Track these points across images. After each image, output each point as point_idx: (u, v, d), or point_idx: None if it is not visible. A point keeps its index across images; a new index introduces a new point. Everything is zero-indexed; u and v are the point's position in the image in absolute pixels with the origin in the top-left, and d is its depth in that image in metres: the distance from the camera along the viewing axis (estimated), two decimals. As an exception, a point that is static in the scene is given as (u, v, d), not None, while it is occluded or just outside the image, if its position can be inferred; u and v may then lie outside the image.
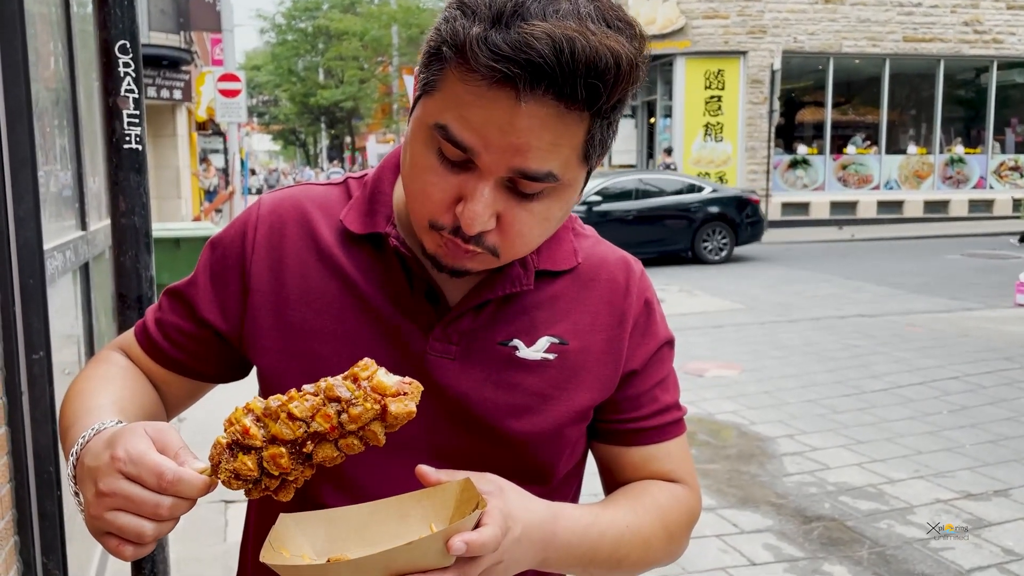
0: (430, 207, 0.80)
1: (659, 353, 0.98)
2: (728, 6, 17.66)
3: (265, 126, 48.88)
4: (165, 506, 0.71)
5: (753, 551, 3.50)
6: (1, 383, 2.10)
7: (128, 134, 1.66)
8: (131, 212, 1.71)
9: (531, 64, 0.70)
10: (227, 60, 18.40)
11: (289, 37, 38.70)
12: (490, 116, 0.74)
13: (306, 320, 0.91)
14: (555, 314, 0.93)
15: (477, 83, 0.73)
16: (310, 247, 0.93)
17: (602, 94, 0.73)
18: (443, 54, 0.76)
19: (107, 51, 1.64)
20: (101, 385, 0.94)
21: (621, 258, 0.99)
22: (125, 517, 0.71)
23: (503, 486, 0.79)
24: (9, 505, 2.13)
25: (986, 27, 18.60)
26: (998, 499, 3.99)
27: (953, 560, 3.39)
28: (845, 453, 4.64)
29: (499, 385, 0.90)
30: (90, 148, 3.30)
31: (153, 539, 0.73)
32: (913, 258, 13.18)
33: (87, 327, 3.15)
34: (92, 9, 3.51)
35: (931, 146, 19.25)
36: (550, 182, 0.78)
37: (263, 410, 0.71)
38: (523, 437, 0.90)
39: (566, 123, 0.75)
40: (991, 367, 6.39)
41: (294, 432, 0.70)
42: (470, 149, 0.76)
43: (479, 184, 0.77)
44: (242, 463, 0.70)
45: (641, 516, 0.91)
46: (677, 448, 0.99)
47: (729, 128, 17.93)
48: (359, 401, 0.69)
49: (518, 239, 0.82)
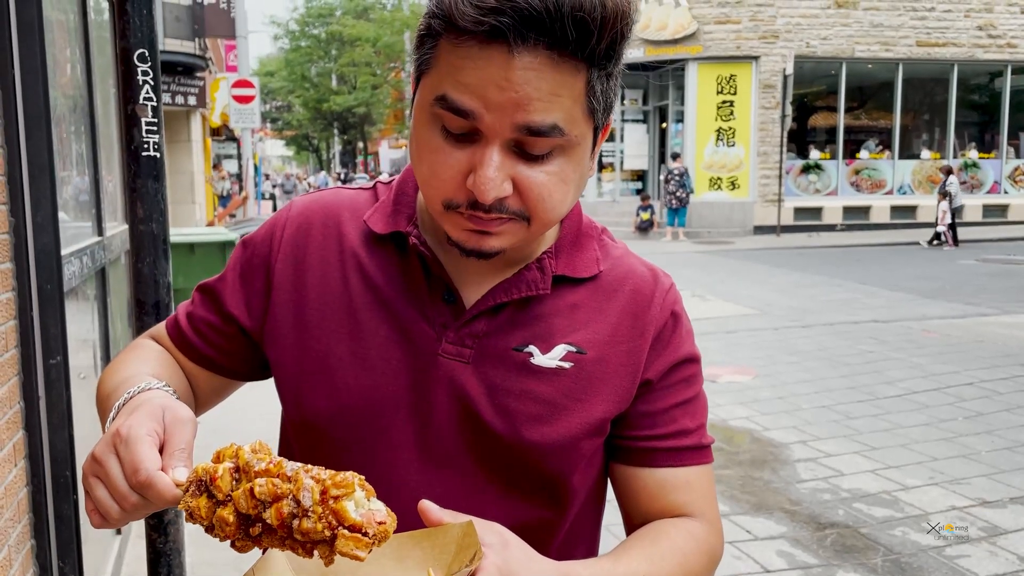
0: (441, 186, 0.79)
1: (682, 369, 0.95)
2: (740, 11, 17.64)
3: (278, 132, 49.13)
4: (130, 501, 0.71)
5: (767, 558, 3.48)
6: (18, 387, 2.12)
7: (147, 141, 1.67)
8: (149, 219, 1.72)
9: (517, 11, 0.71)
10: (241, 66, 18.54)
11: (302, 43, 38.90)
12: (486, 74, 0.73)
13: (323, 318, 0.91)
14: (574, 322, 0.91)
15: (468, 46, 0.74)
16: (334, 248, 0.94)
17: (592, 35, 0.73)
18: (432, 29, 0.77)
19: (126, 59, 1.66)
20: (142, 358, 0.96)
21: (649, 270, 0.97)
22: (101, 490, 0.73)
23: (508, 540, 0.76)
24: (26, 509, 2.15)
25: (1000, 31, 18.49)
26: (1014, 506, 3.96)
27: (968, 568, 3.36)
28: (859, 459, 4.61)
29: (511, 392, 0.88)
30: (106, 153, 3.34)
31: (118, 522, 0.73)
32: (927, 263, 13.11)
33: (103, 332, 3.18)
34: (109, 17, 3.55)
35: (944, 151, 19.14)
36: (556, 136, 0.76)
37: (244, 465, 0.68)
38: (534, 446, 0.88)
39: (562, 72, 0.74)
40: (1007, 373, 6.34)
41: (248, 507, 0.66)
42: (471, 112, 0.75)
43: (486, 150, 0.76)
44: (197, 505, 0.68)
45: (658, 565, 0.86)
46: (698, 478, 0.94)
47: (741, 133, 17.89)
48: (313, 518, 0.64)
49: (540, 203, 0.80)
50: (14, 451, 2.06)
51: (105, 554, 2.91)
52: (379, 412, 0.89)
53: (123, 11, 1.62)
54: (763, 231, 17.79)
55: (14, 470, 2.06)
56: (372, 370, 0.89)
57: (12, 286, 2.08)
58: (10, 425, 2.04)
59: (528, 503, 0.90)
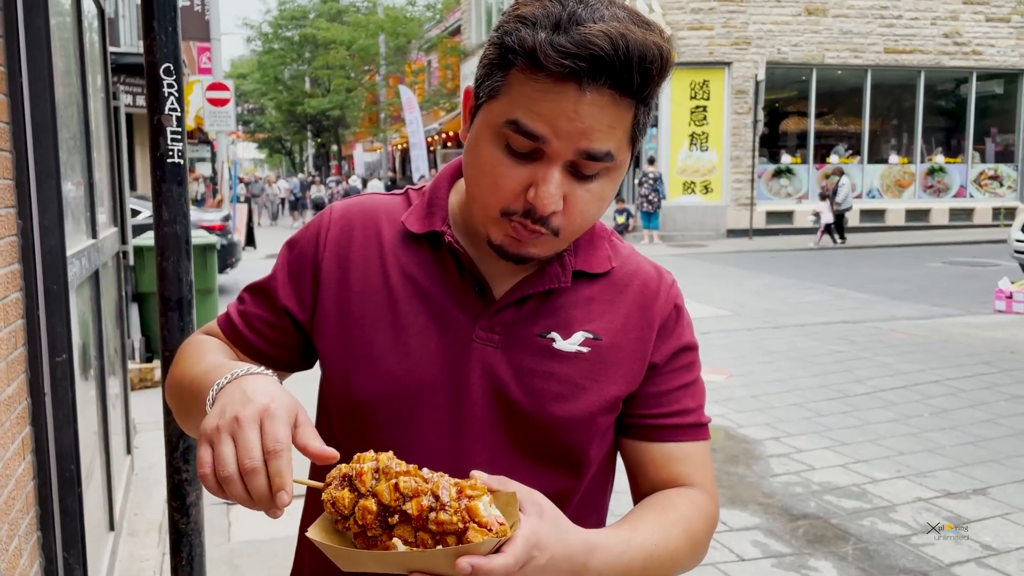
0: (502, 196, 0.91)
1: (683, 355, 1.06)
2: (713, 18, 17.90)
3: (250, 134, 48.80)
4: (253, 465, 0.76)
5: (742, 547, 3.62)
6: (25, 384, 2.19)
7: (171, 149, 1.77)
8: (173, 221, 1.82)
9: (594, 58, 0.83)
10: (215, 69, 18.45)
11: (275, 46, 38.69)
12: (559, 107, 0.85)
13: (365, 310, 1.01)
14: (590, 313, 1.02)
15: (543, 80, 0.86)
16: (374, 246, 1.04)
17: (650, 82, 0.87)
18: (507, 61, 0.88)
19: (153, 73, 1.75)
20: (217, 349, 1.05)
21: (655, 267, 1.09)
22: (228, 446, 0.78)
23: (544, 510, 0.83)
24: (33, 502, 2.22)
25: (965, 39, 18.93)
26: (977, 497, 4.13)
27: (933, 555, 3.52)
28: (829, 454, 4.78)
29: (536, 373, 0.99)
30: (98, 157, 3.40)
31: (222, 485, 0.77)
32: (895, 266, 13.40)
33: (97, 332, 3.24)
34: (98, 22, 3.61)
35: (912, 156, 19.54)
36: (608, 162, 0.90)
37: (384, 466, 0.78)
38: (557, 421, 0.99)
39: (619, 109, 0.87)
40: (971, 371, 6.56)
41: (391, 499, 0.76)
42: (541, 137, 0.87)
43: (549, 169, 0.88)
44: (342, 496, 0.78)
45: (668, 531, 0.96)
46: (697, 452, 1.05)
47: (714, 138, 18.15)
48: (450, 511, 0.74)
49: (578, 217, 0.93)
50: (22, 446, 2.13)
51: (101, 549, 2.97)
52: (419, 393, 0.99)
53: (150, 29, 1.71)
54: (736, 234, 18.05)
55: (23, 464, 2.13)
56: (412, 356, 0.99)
57: (20, 286, 2.15)
58: (19, 421, 2.11)
59: (549, 472, 1.01)
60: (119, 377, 4.04)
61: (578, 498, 1.05)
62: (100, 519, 3.06)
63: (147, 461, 4.42)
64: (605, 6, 0.87)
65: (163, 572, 3.30)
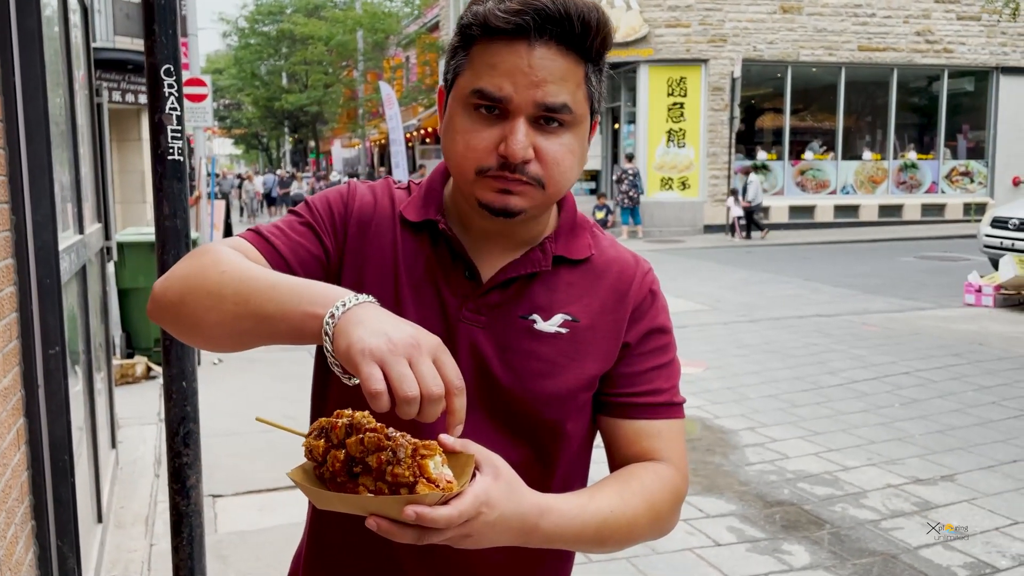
0: (476, 155, 1.00)
1: (656, 337, 1.13)
2: (690, 15, 18.06)
3: (227, 130, 48.43)
4: (432, 390, 0.81)
5: (718, 533, 3.73)
6: (19, 377, 2.24)
7: (171, 147, 1.83)
8: (173, 215, 1.87)
9: (536, 11, 0.96)
10: (192, 64, 18.30)
11: (252, 41, 38.39)
12: (513, 64, 0.97)
13: (377, 279, 1.09)
14: (570, 297, 1.10)
15: (498, 43, 0.98)
16: (388, 226, 1.12)
17: (590, 34, 0.99)
18: (468, 38, 1.01)
19: (154, 74, 1.81)
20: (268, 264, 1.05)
21: (632, 256, 1.17)
22: (406, 367, 0.81)
23: (500, 472, 0.89)
24: (27, 492, 2.26)
25: (937, 37, 19.23)
26: (944, 483, 4.27)
27: (902, 539, 3.64)
28: (803, 443, 4.90)
29: (518, 351, 1.07)
30: (83, 155, 3.43)
31: (404, 401, 0.80)
32: (869, 260, 13.62)
33: (84, 327, 3.28)
34: (81, 21, 3.64)
35: (885, 152, 19.83)
36: (566, 114, 1.00)
37: (356, 422, 0.88)
38: (536, 397, 1.07)
39: (568, 61, 0.99)
40: (940, 363, 6.73)
41: (356, 451, 0.86)
42: (503, 98, 0.98)
43: (514, 122, 0.98)
44: (317, 445, 0.89)
45: (627, 500, 1.02)
46: (668, 429, 1.11)
47: (691, 134, 18.32)
48: (404, 466, 0.83)
49: (555, 167, 1.01)
50: (17, 436, 2.17)
51: (90, 540, 3.01)
52: None
53: (151, 31, 1.76)
54: (713, 230, 18.24)
55: (17, 454, 2.17)
56: None
57: (14, 280, 2.19)
58: (13, 412, 2.16)
59: (530, 446, 1.09)
60: (104, 372, 4.08)
61: (562, 469, 1.13)
62: (89, 511, 3.10)
63: (131, 455, 4.45)
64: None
65: (151, 563, 3.35)
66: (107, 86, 13.49)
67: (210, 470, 3.74)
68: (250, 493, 4.08)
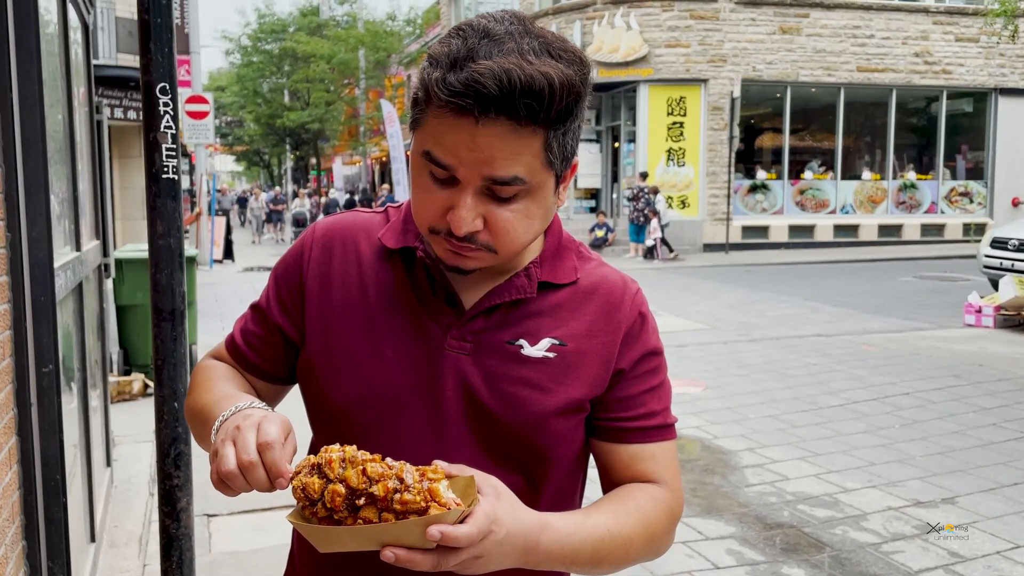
0: (427, 217, 0.99)
1: (649, 360, 1.12)
2: (689, 36, 18.16)
3: (228, 147, 48.59)
4: (249, 458, 0.88)
5: (717, 556, 3.69)
6: (12, 395, 2.22)
7: (166, 165, 1.82)
8: (167, 234, 1.86)
9: (478, 95, 0.89)
10: (194, 82, 18.42)
11: (255, 59, 38.61)
12: (458, 138, 0.92)
13: (347, 322, 1.08)
14: (556, 320, 1.08)
15: (445, 115, 0.92)
16: (353, 261, 1.11)
17: (542, 110, 0.91)
18: (419, 97, 0.96)
19: (150, 92, 1.80)
20: (223, 377, 1.14)
21: (620, 277, 1.15)
22: (229, 448, 0.89)
23: (500, 492, 0.90)
24: (18, 511, 2.24)
25: (936, 58, 19.33)
26: (945, 506, 4.23)
27: (903, 563, 3.61)
28: (803, 465, 4.87)
29: (506, 378, 1.06)
30: (82, 172, 3.42)
31: (227, 481, 0.89)
32: (868, 280, 13.62)
33: (80, 344, 3.26)
34: (81, 38, 3.65)
35: (884, 172, 19.89)
36: (519, 185, 0.95)
37: (351, 456, 0.87)
38: (525, 422, 1.05)
39: (521, 136, 0.92)
40: (941, 384, 6.70)
41: (359, 483, 0.84)
42: (449, 167, 0.94)
43: (462, 194, 0.95)
44: (312, 482, 0.86)
45: (623, 519, 1.02)
46: (662, 451, 1.10)
47: (691, 153, 18.37)
48: (414, 492, 0.83)
49: (506, 235, 0.98)
50: (9, 456, 2.15)
51: (83, 560, 2.98)
52: (396, 399, 1.06)
53: (147, 50, 1.76)
54: (712, 248, 18.25)
55: (9, 473, 2.15)
56: (389, 364, 1.06)
57: (8, 298, 2.18)
58: (5, 431, 2.14)
59: (520, 470, 1.07)
60: (99, 389, 4.05)
61: (552, 492, 1.11)
62: (81, 530, 3.07)
63: (126, 474, 4.42)
64: (514, 38, 0.92)
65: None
66: (109, 103, 13.53)
67: (205, 489, 3.72)
68: (245, 512, 4.04)
